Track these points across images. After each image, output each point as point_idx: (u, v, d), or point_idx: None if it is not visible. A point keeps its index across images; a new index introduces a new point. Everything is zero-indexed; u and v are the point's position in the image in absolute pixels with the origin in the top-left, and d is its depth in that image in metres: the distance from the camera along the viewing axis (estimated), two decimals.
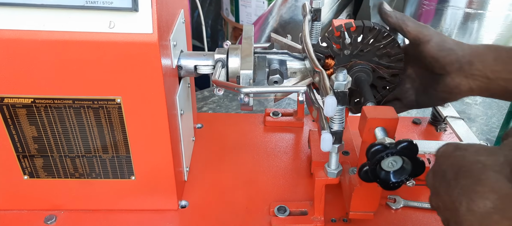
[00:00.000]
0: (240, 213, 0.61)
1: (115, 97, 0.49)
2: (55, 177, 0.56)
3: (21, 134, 0.52)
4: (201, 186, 0.66)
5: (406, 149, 0.41)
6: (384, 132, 0.46)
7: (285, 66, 0.60)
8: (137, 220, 0.58)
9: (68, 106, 0.49)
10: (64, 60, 0.46)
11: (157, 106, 0.50)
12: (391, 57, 0.59)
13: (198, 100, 0.98)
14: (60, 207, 0.59)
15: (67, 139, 0.52)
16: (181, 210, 0.61)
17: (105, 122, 0.51)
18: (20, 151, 0.53)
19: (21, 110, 0.49)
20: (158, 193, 0.59)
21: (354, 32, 0.57)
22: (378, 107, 0.49)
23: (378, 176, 0.44)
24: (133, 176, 0.56)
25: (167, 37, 0.51)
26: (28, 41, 0.44)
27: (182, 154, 0.62)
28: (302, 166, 0.71)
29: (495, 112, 0.96)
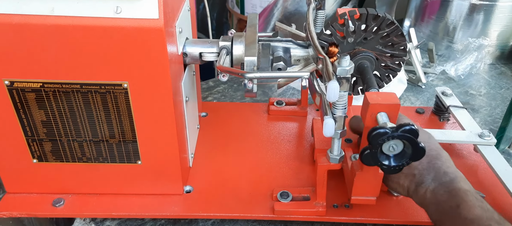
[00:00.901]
0: (244, 198, 0.62)
1: (121, 82, 0.50)
2: (63, 161, 0.57)
3: (30, 118, 0.53)
4: (205, 172, 0.67)
5: (407, 132, 0.42)
6: (386, 118, 0.47)
7: (289, 53, 0.61)
8: (142, 204, 0.60)
9: (76, 90, 0.51)
10: (71, 45, 0.47)
11: (163, 92, 0.51)
12: (394, 45, 0.60)
13: (203, 90, 0.99)
14: (68, 191, 0.60)
15: (75, 123, 0.54)
16: (185, 195, 0.62)
17: (112, 107, 0.52)
18: (29, 135, 0.54)
19: (30, 95, 0.51)
20: (164, 178, 0.60)
21: (357, 20, 0.58)
22: (380, 93, 0.49)
23: (379, 160, 0.45)
24: (139, 161, 0.58)
25: (172, 23, 0.52)
26: (37, 26, 0.45)
27: (187, 140, 0.64)
28: (305, 154, 0.72)
29: (499, 103, 0.96)
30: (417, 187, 0.51)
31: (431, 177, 0.50)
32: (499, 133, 0.75)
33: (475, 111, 0.93)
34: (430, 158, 0.52)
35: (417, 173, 0.51)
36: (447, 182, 0.49)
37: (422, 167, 0.51)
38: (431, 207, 0.49)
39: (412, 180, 0.52)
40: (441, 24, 1.21)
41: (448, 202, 0.47)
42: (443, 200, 0.48)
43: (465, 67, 1.07)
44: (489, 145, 0.65)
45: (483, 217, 0.44)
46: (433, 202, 0.49)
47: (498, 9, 1.12)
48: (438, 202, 0.48)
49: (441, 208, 0.48)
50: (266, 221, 0.62)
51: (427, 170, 0.51)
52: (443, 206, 0.47)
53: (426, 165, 0.51)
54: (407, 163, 0.45)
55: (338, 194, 0.62)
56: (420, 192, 0.51)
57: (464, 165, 0.68)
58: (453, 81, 1.06)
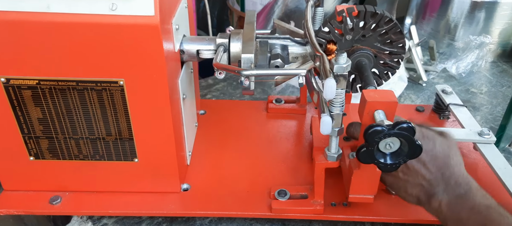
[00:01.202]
0: (241, 196, 0.62)
1: (117, 80, 0.50)
2: (60, 158, 0.57)
3: (27, 116, 0.53)
4: (203, 170, 0.67)
5: (403, 130, 0.41)
6: (383, 115, 0.46)
7: (286, 51, 0.61)
8: (140, 202, 0.60)
9: (72, 88, 0.50)
10: (67, 42, 0.47)
11: (159, 89, 0.51)
12: (393, 42, 0.59)
13: (202, 87, 0.99)
14: (65, 188, 0.60)
15: (71, 121, 0.53)
16: (183, 193, 0.62)
17: (108, 104, 0.52)
18: (26, 132, 0.54)
19: (26, 92, 0.50)
20: (161, 175, 0.60)
21: (355, 17, 0.57)
22: (378, 90, 0.49)
23: (375, 158, 0.44)
24: (136, 159, 0.57)
25: (169, 20, 0.51)
26: (32, 23, 0.45)
27: (184, 138, 0.63)
28: (303, 152, 0.71)
29: (500, 101, 0.96)
30: (430, 199, 0.50)
31: (441, 188, 0.49)
32: (499, 132, 0.75)
33: (476, 109, 0.93)
34: (438, 167, 0.49)
35: (426, 183, 0.49)
36: (462, 195, 0.48)
37: (429, 176, 0.49)
38: (450, 223, 0.48)
39: (421, 190, 0.50)
40: (443, 22, 1.21)
41: (471, 221, 0.46)
42: (465, 217, 0.46)
43: (466, 65, 1.06)
44: (488, 143, 0.65)
45: None
46: (453, 219, 0.47)
47: (500, 7, 1.11)
48: (459, 219, 0.47)
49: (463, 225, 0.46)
50: (263, 219, 0.62)
51: (436, 180, 0.49)
52: (466, 223, 0.46)
53: (434, 174, 0.49)
54: (404, 161, 0.45)
55: (336, 193, 0.61)
56: (433, 204, 0.49)
57: (464, 163, 0.67)
58: (454, 79, 1.05)
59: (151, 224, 0.61)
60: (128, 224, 0.61)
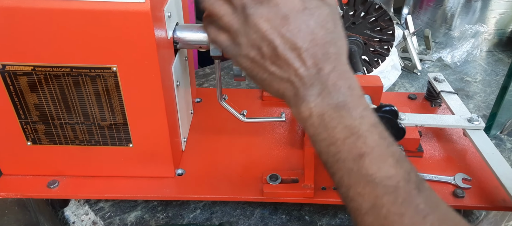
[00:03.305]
0: (235, 181, 0.63)
1: (111, 66, 0.51)
2: (57, 143, 0.58)
3: (23, 101, 0.54)
4: (198, 155, 0.68)
5: (386, 113, 0.43)
6: (369, 100, 0.48)
7: None
8: (135, 186, 0.61)
9: (66, 74, 0.52)
10: (61, 28, 0.48)
11: (151, 76, 0.52)
12: (382, 30, 0.60)
13: (200, 76, 1.00)
14: (62, 173, 0.62)
15: (66, 106, 0.55)
16: (177, 178, 0.63)
17: (102, 90, 0.53)
18: (23, 117, 0.56)
19: (22, 78, 0.52)
20: (155, 161, 0.61)
21: (346, 5, 0.58)
22: (364, 76, 0.50)
23: None
24: (131, 144, 0.59)
25: (161, 7, 0.52)
26: (26, 9, 0.46)
27: (179, 124, 0.65)
28: (296, 139, 0.72)
29: (494, 89, 0.97)
30: (299, 103, 0.37)
31: (316, 91, 0.36)
32: (490, 119, 0.76)
33: (469, 97, 0.94)
34: (315, 59, 0.36)
35: (297, 81, 0.36)
36: (341, 105, 0.35)
37: (303, 72, 0.36)
38: (321, 144, 0.36)
39: (290, 88, 0.37)
40: (439, 11, 1.21)
41: (347, 146, 0.34)
42: (340, 138, 0.35)
43: (461, 54, 1.07)
44: (477, 130, 0.66)
45: (398, 178, 0.33)
46: (326, 138, 0.36)
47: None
48: (333, 138, 0.35)
49: (336, 151, 0.35)
50: (256, 202, 0.64)
51: (310, 79, 0.36)
52: (341, 148, 0.35)
53: (309, 70, 0.36)
54: None
55: (327, 177, 0.62)
56: (303, 112, 0.37)
57: (453, 149, 0.69)
58: (449, 68, 1.06)
59: (146, 208, 0.63)
60: (124, 208, 0.63)
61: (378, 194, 0.32)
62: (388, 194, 0.32)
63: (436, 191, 0.59)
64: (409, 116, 0.66)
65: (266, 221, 0.62)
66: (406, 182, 0.32)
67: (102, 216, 0.62)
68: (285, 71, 0.36)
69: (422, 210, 0.31)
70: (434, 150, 0.68)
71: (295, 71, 0.36)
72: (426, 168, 0.64)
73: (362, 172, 0.33)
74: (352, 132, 0.34)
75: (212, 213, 0.63)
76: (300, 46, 0.35)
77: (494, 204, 0.59)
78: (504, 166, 0.59)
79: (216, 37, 0.40)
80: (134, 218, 0.62)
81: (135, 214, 0.62)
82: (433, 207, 0.32)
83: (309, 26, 0.35)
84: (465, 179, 0.61)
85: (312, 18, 0.36)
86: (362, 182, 0.33)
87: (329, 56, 0.36)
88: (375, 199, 0.32)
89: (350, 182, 0.34)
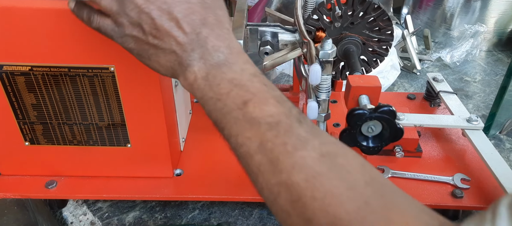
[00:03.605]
0: (233, 181, 0.63)
1: (108, 66, 0.51)
2: (54, 143, 0.58)
3: (21, 101, 0.54)
4: (196, 156, 0.68)
5: (384, 113, 0.42)
6: (367, 100, 0.47)
7: (276, 38, 0.62)
8: (133, 186, 0.61)
9: (64, 74, 0.52)
10: (58, 28, 0.48)
11: (149, 76, 0.52)
12: (381, 29, 0.60)
13: None
14: (60, 173, 0.62)
15: (64, 106, 0.55)
16: (176, 178, 0.63)
17: (100, 91, 0.53)
18: (21, 118, 0.56)
19: (19, 78, 0.52)
20: (154, 161, 0.61)
21: (344, 5, 0.58)
22: (362, 76, 0.50)
23: (357, 141, 0.46)
24: (129, 144, 0.59)
25: None
26: (23, 9, 0.46)
27: (177, 124, 0.65)
28: None
29: (493, 89, 0.96)
30: (184, 70, 0.38)
31: (197, 54, 0.38)
32: (489, 119, 0.76)
33: (468, 97, 0.93)
34: (193, 25, 0.38)
35: (179, 49, 0.38)
36: (222, 63, 0.37)
37: (183, 39, 0.38)
38: (209, 103, 0.38)
39: (175, 58, 0.39)
40: (439, 11, 1.21)
41: (232, 97, 0.36)
42: (225, 92, 0.36)
43: (460, 54, 1.06)
44: (476, 130, 0.66)
45: (280, 114, 0.34)
46: (212, 96, 0.37)
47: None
48: (219, 94, 0.36)
49: (222, 105, 0.36)
50: (254, 203, 0.63)
51: (191, 44, 0.38)
52: (226, 101, 0.36)
53: (188, 36, 0.38)
54: (386, 144, 0.46)
55: None
56: (189, 78, 0.38)
57: (452, 150, 0.68)
58: (448, 68, 1.06)
59: (144, 208, 0.63)
60: (122, 208, 0.63)
61: (263, 132, 0.34)
62: (271, 130, 0.34)
63: (435, 192, 0.60)
64: (408, 116, 0.66)
65: (264, 221, 0.62)
66: (286, 117, 0.34)
67: (100, 216, 0.62)
68: (166, 41, 0.38)
69: (303, 137, 0.33)
70: (433, 150, 0.68)
71: (175, 40, 0.38)
72: (424, 168, 0.64)
73: (247, 117, 0.35)
74: (235, 84, 0.36)
75: (211, 213, 0.63)
76: (176, 15, 0.37)
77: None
78: (503, 166, 0.59)
79: (100, 23, 0.40)
80: (132, 219, 0.62)
81: (133, 214, 0.62)
82: (314, 134, 0.34)
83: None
84: (464, 180, 0.61)
85: None
86: (247, 126, 0.35)
87: (206, 22, 0.38)
88: (261, 137, 0.34)
89: (238, 130, 0.35)
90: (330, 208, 0.30)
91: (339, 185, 0.31)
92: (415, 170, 0.63)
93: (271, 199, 0.34)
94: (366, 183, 0.31)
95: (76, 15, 0.41)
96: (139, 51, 0.40)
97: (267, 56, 0.58)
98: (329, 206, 0.30)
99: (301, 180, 0.31)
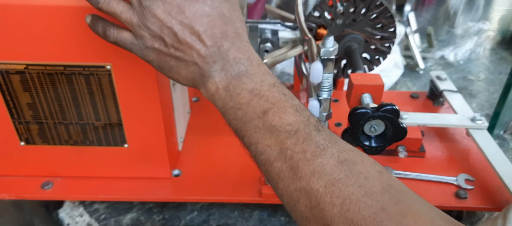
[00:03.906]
0: (232, 182, 0.62)
1: (104, 64, 0.50)
2: (50, 143, 0.57)
3: (16, 101, 0.53)
4: (195, 156, 0.67)
5: (387, 112, 0.41)
6: (370, 99, 0.46)
7: (277, 36, 0.60)
8: (131, 187, 0.60)
9: (59, 72, 0.50)
10: (53, 25, 0.47)
11: (146, 75, 0.51)
12: (383, 27, 0.59)
13: None
14: (57, 174, 0.60)
15: (60, 106, 0.54)
16: (174, 179, 0.62)
17: (96, 89, 0.52)
18: (16, 117, 0.54)
19: (14, 76, 0.51)
20: (151, 161, 0.60)
21: (346, 2, 0.57)
22: (365, 74, 0.49)
23: (360, 140, 0.44)
24: (126, 144, 0.58)
25: None
26: (18, 7, 0.45)
27: (175, 124, 0.63)
28: None
29: (497, 88, 0.95)
30: (206, 81, 0.39)
31: (219, 66, 0.39)
32: (493, 118, 0.74)
33: (472, 96, 0.92)
34: (215, 39, 0.39)
35: (201, 61, 0.39)
36: (242, 73, 0.38)
37: (205, 52, 0.38)
38: (230, 112, 0.39)
39: (196, 70, 0.39)
40: (442, 9, 1.20)
41: (252, 106, 0.37)
42: (245, 102, 0.37)
43: (464, 52, 1.05)
44: (480, 129, 0.64)
45: (298, 123, 0.36)
46: (233, 105, 0.38)
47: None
48: (240, 104, 0.38)
49: (243, 114, 0.38)
50: (254, 204, 0.62)
51: (212, 57, 0.39)
52: (246, 110, 0.37)
53: (210, 49, 0.38)
54: (389, 144, 0.44)
55: None
56: (210, 88, 0.39)
57: (456, 149, 0.67)
58: (452, 67, 1.04)
59: (142, 210, 0.62)
60: (119, 209, 0.62)
61: (282, 139, 0.35)
62: (290, 138, 0.35)
63: (438, 192, 0.59)
64: (411, 116, 0.64)
65: (265, 222, 0.61)
66: (305, 125, 0.36)
67: (97, 217, 0.61)
68: (188, 54, 0.39)
69: (322, 145, 0.34)
70: (436, 150, 0.67)
71: (197, 52, 0.39)
72: (428, 169, 0.63)
73: (266, 126, 0.36)
74: (255, 94, 0.38)
75: (210, 215, 0.62)
76: (198, 29, 0.38)
77: (497, 205, 0.58)
78: (508, 167, 0.58)
79: (118, 37, 0.40)
80: (130, 220, 0.60)
81: (130, 215, 0.61)
82: (332, 142, 0.35)
83: (204, 11, 0.39)
84: (468, 180, 0.60)
85: (206, 4, 0.39)
86: (267, 134, 0.36)
87: (227, 35, 0.39)
88: (280, 145, 0.35)
89: (258, 138, 0.37)
90: (348, 214, 0.31)
91: (356, 192, 0.31)
92: (419, 170, 0.62)
93: (291, 205, 0.35)
94: (383, 189, 0.31)
95: (92, 28, 0.42)
96: (160, 63, 0.41)
97: (268, 54, 0.57)
98: (347, 212, 0.31)
99: (320, 187, 0.32)
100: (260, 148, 0.37)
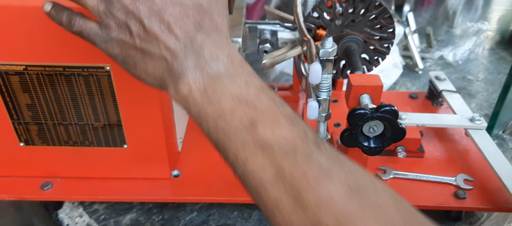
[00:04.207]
0: (232, 182, 0.61)
1: (104, 65, 0.50)
2: (50, 144, 0.57)
3: (15, 102, 0.53)
4: (194, 156, 0.67)
5: (386, 113, 0.41)
6: (369, 99, 0.46)
7: (276, 36, 0.61)
8: (130, 188, 0.60)
9: (59, 73, 0.51)
10: (52, 26, 0.46)
11: None
12: (382, 27, 0.59)
13: None
14: (56, 174, 0.61)
15: (59, 106, 0.54)
16: (173, 179, 0.62)
17: (95, 90, 0.52)
18: (15, 118, 0.54)
19: (14, 77, 0.51)
20: (151, 162, 0.60)
21: (345, 2, 0.57)
22: (363, 75, 0.49)
23: (359, 141, 0.44)
24: (125, 145, 0.58)
25: None
26: (17, 7, 0.45)
27: (175, 124, 0.63)
28: None
29: (496, 88, 0.95)
30: (177, 81, 0.34)
31: (192, 62, 0.33)
32: (492, 118, 0.74)
33: (471, 96, 0.92)
34: (186, 30, 0.34)
35: (169, 56, 0.33)
36: (221, 74, 0.33)
37: (175, 45, 0.33)
38: (208, 121, 0.33)
39: (165, 66, 0.34)
40: (441, 9, 1.20)
41: (237, 116, 0.31)
42: (228, 110, 0.32)
43: (463, 52, 1.05)
44: (479, 129, 0.64)
45: (295, 138, 0.30)
46: (212, 113, 0.33)
47: None
48: (221, 111, 0.32)
49: (225, 124, 0.32)
50: (254, 204, 0.62)
51: (183, 51, 0.33)
52: (230, 120, 0.32)
53: (181, 42, 0.33)
54: (388, 144, 0.45)
55: None
56: (182, 90, 0.33)
57: (455, 150, 0.67)
58: (451, 67, 1.04)
59: (141, 210, 0.62)
60: (119, 210, 0.62)
61: (277, 159, 0.29)
62: (287, 156, 0.29)
63: (437, 193, 0.59)
64: (410, 116, 0.64)
65: (264, 223, 0.61)
66: (302, 141, 0.30)
67: (97, 218, 0.61)
68: (155, 46, 0.34)
69: (325, 167, 0.29)
70: (435, 150, 0.67)
71: (165, 45, 0.33)
72: (427, 169, 0.63)
73: (256, 140, 0.30)
74: (239, 100, 0.32)
75: (209, 215, 0.62)
76: (167, 18, 0.33)
77: (496, 205, 0.58)
78: (507, 167, 0.58)
79: (82, 26, 0.37)
80: (129, 221, 0.60)
81: (130, 216, 0.61)
82: (336, 162, 0.30)
83: (178, 0, 0.33)
84: (466, 180, 0.60)
85: None
86: (258, 151, 0.30)
87: (201, 26, 0.34)
88: (276, 166, 0.29)
89: (247, 155, 0.31)
90: None
91: None
92: (417, 170, 0.62)
93: None
94: (404, 222, 0.27)
95: (54, 19, 0.38)
96: (124, 57, 0.36)
97: (266, 55, 0.57)
98: None
99: (329, 220, 0.27)
100: (250, 168, 0.31)
